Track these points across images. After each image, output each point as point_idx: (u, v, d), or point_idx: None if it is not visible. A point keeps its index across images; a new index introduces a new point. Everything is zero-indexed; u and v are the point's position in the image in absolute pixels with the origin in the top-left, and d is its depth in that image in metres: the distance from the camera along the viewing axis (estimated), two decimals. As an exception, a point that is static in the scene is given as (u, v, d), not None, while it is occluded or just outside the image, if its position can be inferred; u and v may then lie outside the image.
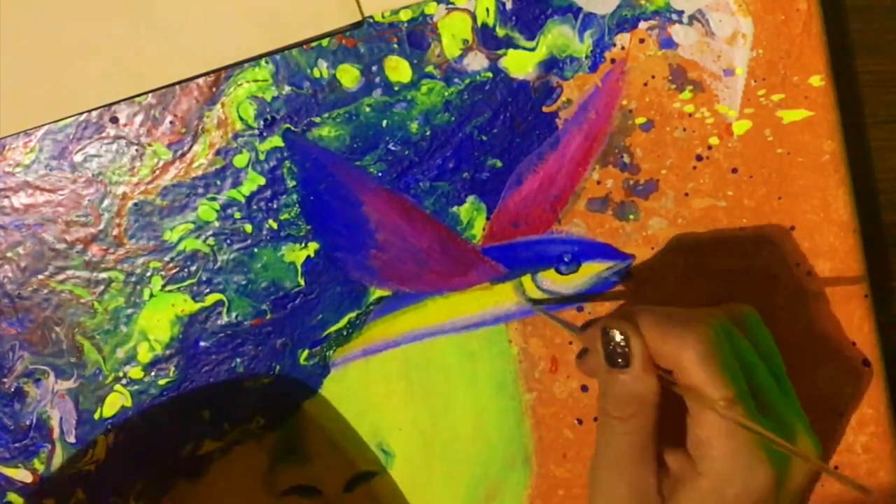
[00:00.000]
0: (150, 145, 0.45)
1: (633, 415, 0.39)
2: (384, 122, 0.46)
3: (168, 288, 0.46)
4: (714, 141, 0.46)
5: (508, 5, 0.45)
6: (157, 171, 0.45)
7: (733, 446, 0.38)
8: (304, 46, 0.45)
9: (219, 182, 0.46)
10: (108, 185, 0.45)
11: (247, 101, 0.45)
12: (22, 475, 0.46)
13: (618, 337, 0.40)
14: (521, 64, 0.45)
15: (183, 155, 0.45)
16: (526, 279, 0.47)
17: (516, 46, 0.45)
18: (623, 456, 0.40)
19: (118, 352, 0.46)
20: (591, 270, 0.47)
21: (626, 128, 0.46)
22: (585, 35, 0.45)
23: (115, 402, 0.46)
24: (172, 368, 0.46)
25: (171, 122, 0.45)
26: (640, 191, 0.46)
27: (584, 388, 0.47)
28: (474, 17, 0.45)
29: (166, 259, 0.46)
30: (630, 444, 0.40)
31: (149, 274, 0.46)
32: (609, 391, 0.40)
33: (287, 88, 0.45)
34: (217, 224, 0.46)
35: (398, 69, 0.45)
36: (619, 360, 0.40)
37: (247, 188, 0.46)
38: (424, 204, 0.46)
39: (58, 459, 0.46)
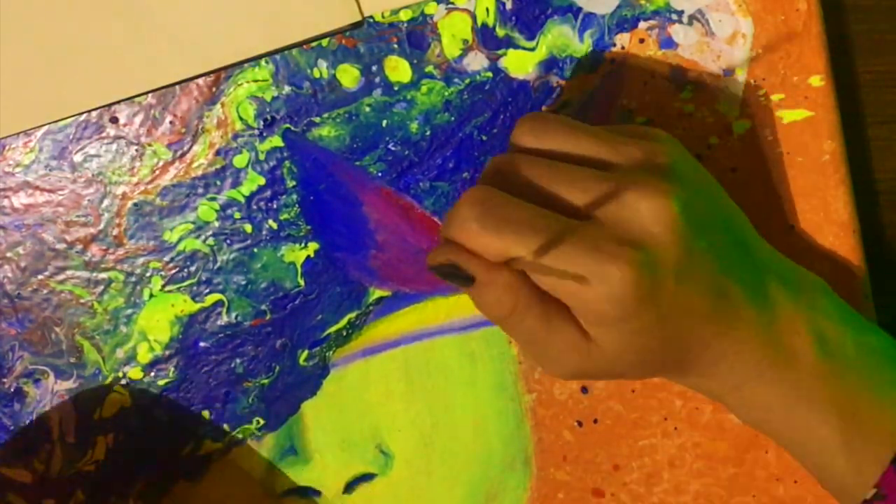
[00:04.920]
0: (149, 145, 0.45)
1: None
2: (384, 122, 0.46)
3: (168, 288, 0.46)
4: (714, 141, 0.46)
5: (508, 5, 0.45)
6: (157, 171, 0.45)
7: (569, 281, 0.37)
8: (304, 46, 0.45)
9: (219, 182, 0.46)
10: (108, 185, 0.45)
11: (247, 101, 0.45)
12: (21, 475, 0.46)
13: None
14: (521, 64, 0.46)
15: (183, 155, 0.45)
16: (526, 280, 0.47)
17: (516, 46, 0.45)
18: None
19: (118, 352, 0.46)
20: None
21: (626, 128, 0.46)
22: (585, 35, 0.45)
23: (115, 402, 0.46)
24: (172, 369, 0.46)
25: (170, 122, 0.45)
26: (640, 191, 0.46)
27: (584, 390, 0.47)
28: (474, 17, 0.45)
29: (166, 259, 0.46)
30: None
31: (148, 274, 0.46)
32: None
33: (287, 88, 0.45)
34: (217, 224, 0.46)
35: (398, 69, 0.45)
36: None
37: (247, 188, 0.46)
38: (424, 204, 0.46)
39: (57, 459, 0.46)
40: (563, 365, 0.40)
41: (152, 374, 0.46)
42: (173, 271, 0.46)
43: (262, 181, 0.46)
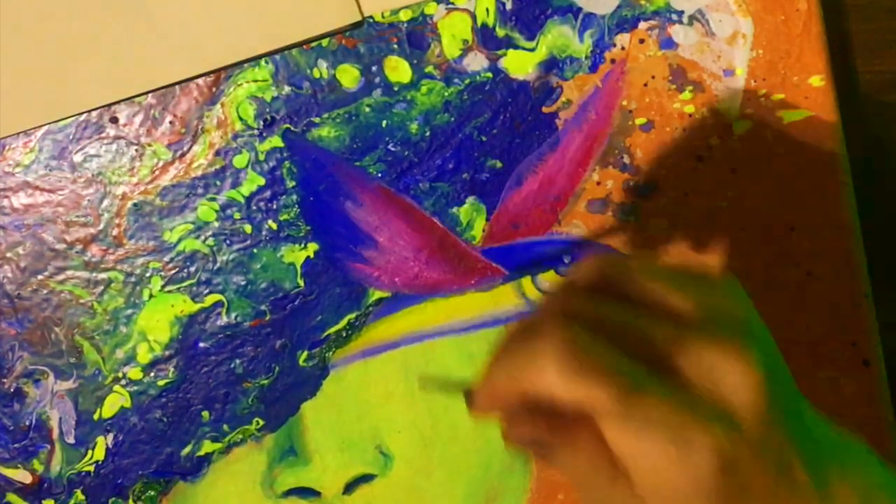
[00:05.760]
0: (149, 145, 0.45)
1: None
2: (384, 123, 0.46)
3: (167, 288, 0.46)
4: (714, 141, 0.46)
5: (508, 5, 0.45)
6: (157, 172, 0.45)
7: (648, 446, 0.33)
8: (304, 46, 0.45)
9: (218, 182, 0.46)
10: (108, 185, 0.45)
11: (246, 101, 0.45)
12: (21, 476, 0.46)
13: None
14: (521, 64, 0.46)
15: (182, 155, 0.45)
16: (526, 280, 0.47)
17: (516, 47, 0.45)
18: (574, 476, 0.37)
19: (118, 352, 0.46)
20: (592, 272, 0.47)
21: (626, 128, 0.46)
22: (585, 35, 0.45)
23: (115, 402, 0.46)
24: (172, 369, 0.46)
25: (170, 123, 0.45)
26: (641, 191, 0.46)
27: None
28: (474, 18, 0.45)
29: (166, 259, 0.46)
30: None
31: (148, 274, 0.46)
32: None
33: (287, 88, 0.45)
34: (216, 224, 0.46)
35: (398, 69, 0.45)
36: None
37: (246, 188, 0.46)
38: (424, 205, 0.46)
39: (57, 460, 0.46)
40: None
41: (152, 374, 0.46)
42: (173, 271, 0.46)
43: (262, 181, 0.46)
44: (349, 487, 0.48)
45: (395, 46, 0.45)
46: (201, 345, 0.46)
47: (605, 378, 0.33)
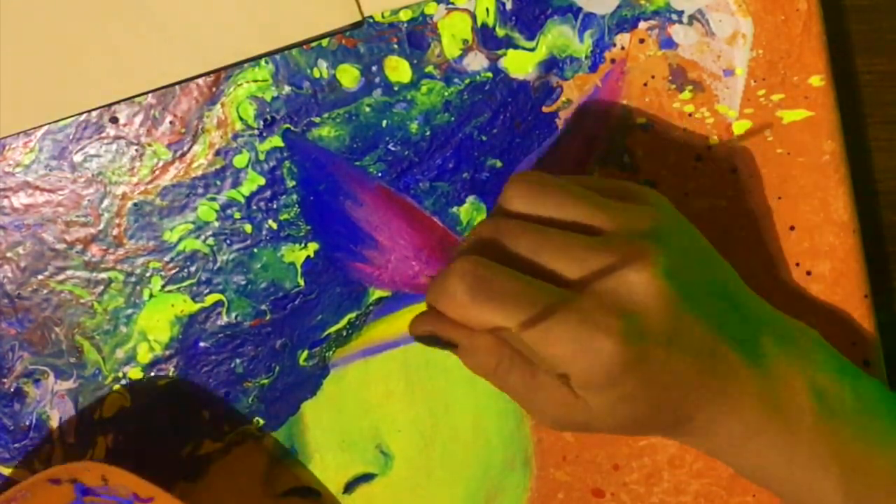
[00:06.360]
0: (149, 145, 0.45)
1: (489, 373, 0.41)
2: (384, 122, 0.46)
3: (168, 288, 0.46)
4: (714, 141, 0.46)
5: (508, 5, 0.45)
6: (157, 172, 0.45)
7: (555, 347, 0.37)
8: (304, 46, 0.45)
9: (218, 182, 0.46)
10: (108, 185, 0.45)
11: (247, 101, 0.45)
12: (22, 475, 0.46)
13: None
14: (521, 64, 0.46)
15: (183, 155, 0.45)
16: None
17: (516, 46, 0.45)
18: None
19: (118, 352, 0.46)
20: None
21: (626, 128, 0.46)
22: (585, 35, 0.45)
23: (115, 402, 0.46)
24: (172, 369, 0.46)
25: (170, 122, 0.45)
26: (640, 191, 0.46)
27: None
28: (474, 17, 0.45)
29: (166, 259, 0.46)
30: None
31: (148, 274, 0.46)
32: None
33: (287, 88, 0.45)
34: (217, 224, 0.46)
35: (398, 69, 0.45)
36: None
37: (246, 188, 0.46)
38: (424, 204, 0.46)
39: (57, 460, 0.46)
40: (550, 417, 0.41)
41: (152, 374, 0.46)
42: (173, 271, 0.46)
43: (262, 181, 0.46)
44: (349, 487, 0.48)
45: (395, 46, 0.45)
46: (201, 344, 0.46)
47: (510, 302, 0.37)
